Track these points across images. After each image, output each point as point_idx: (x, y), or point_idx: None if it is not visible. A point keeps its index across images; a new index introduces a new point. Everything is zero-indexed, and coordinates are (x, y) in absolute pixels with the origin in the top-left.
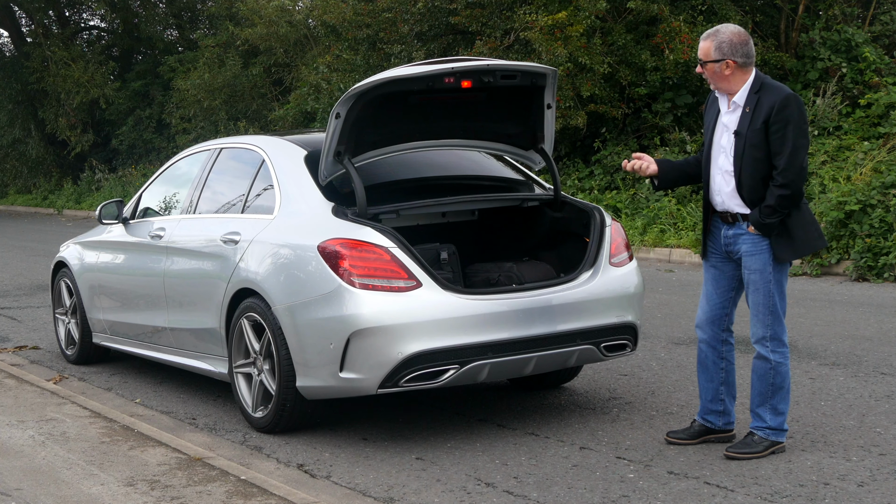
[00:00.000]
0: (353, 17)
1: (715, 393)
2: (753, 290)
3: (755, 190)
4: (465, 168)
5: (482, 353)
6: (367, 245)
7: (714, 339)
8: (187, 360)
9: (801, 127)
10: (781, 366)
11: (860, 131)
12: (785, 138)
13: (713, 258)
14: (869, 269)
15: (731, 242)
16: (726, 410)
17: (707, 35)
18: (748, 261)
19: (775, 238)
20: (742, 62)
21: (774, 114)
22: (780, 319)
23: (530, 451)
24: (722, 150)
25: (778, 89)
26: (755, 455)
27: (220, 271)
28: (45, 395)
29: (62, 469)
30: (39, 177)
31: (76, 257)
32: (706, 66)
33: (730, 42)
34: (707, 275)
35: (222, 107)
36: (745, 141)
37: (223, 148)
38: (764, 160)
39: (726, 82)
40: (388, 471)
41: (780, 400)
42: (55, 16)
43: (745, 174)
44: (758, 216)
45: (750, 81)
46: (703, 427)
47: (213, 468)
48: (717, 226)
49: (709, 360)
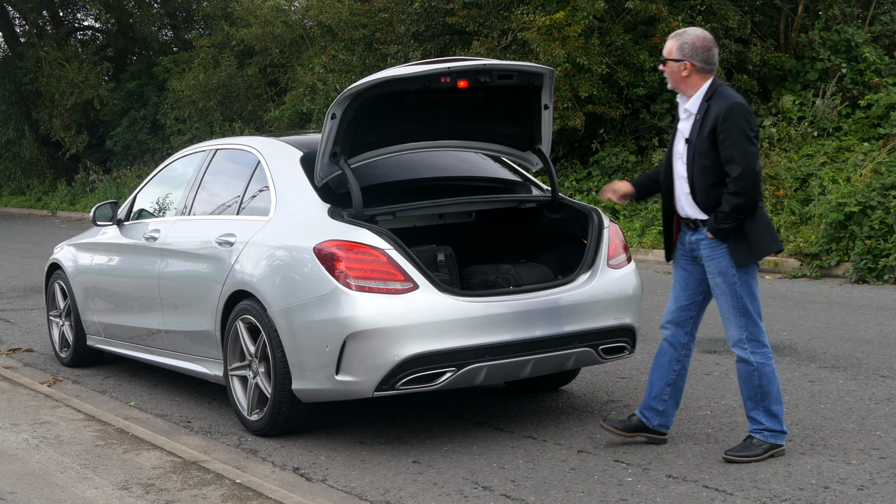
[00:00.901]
0: (349, 18)
1: (660, 391)
2: (719, 293)
3: (708, 196)
4: (462, 169)
5: (479, 355)
6: (364, 247)
7: (676, 340)
8: (182, 362)
9: (748, 135)
10: (764, 366)
11: (860, 132)
12: (733, 147)
13: (682, 260)
14: (869, 272)
15: (695, 247)
16: (666, 412)
17: (674, 34)
18: (709, 265)
19: (733, 242)
20: (700, 67)
21: (720, 123)
22: (754, 321)
23: (528, 454)
24: (679, 156)
25: (725, 98)
26: (754, 458)
27: (215, 273)
28: (38, 398)
29: (56, 473)
30: (33, 178)
31: (70, 259)
32: (667, 64)
33: (692, 45)
34: (676, 276)
35: (217, 108)
36: (695, 149)
37: (218, 149)
38: (712, 168)
39: (682, 83)
40: (384, 474)
41: (772, 402)
42: (49, 16)
43: (696, 181)
44: (713, 222)
45: (704, 88)
46: (639, 422)
47: (208, 472)
48: (683, 230)
49: (665, 357)
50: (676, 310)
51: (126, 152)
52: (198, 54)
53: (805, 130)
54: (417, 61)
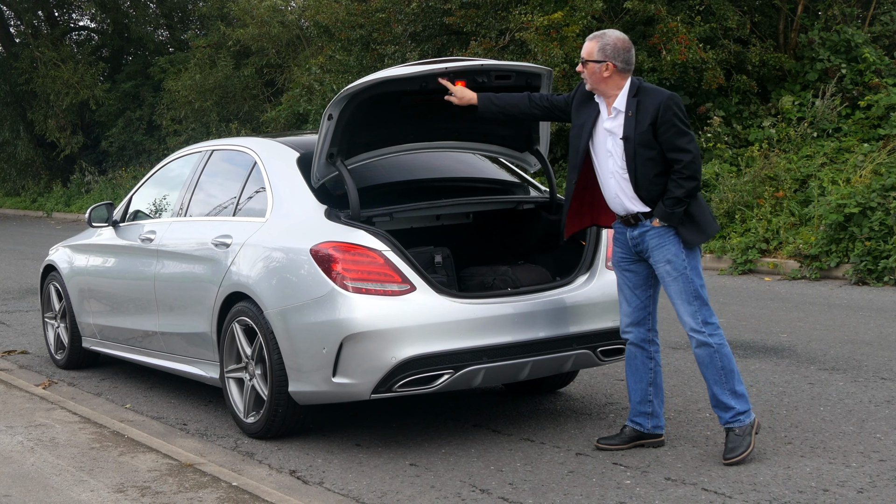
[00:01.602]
0: (346, 18)
1: (644, 394)
2: (671, 280)
3: (651, 188)
4: (459, 170)
5: (477, 357)
6: (361, 248)
7: (641, 340)
8: (178, 364)
9: (685, 121)
10: (723, 347)
11: (860, 133)
12: (678, 136)
13: (623, 262)
14: (869, 273)
15: (639, 242)
16: (655, 413)
17: (593, 36)
18: (657, 254)
19: (682, 226)
20: (621, 67)
21: (661, 115)
22: (706, 303)
23: (526, 456)
24: (609, 155)
25: (657, 92)
26: (748, 450)
27: (211, 275)
28: (34, 400)
29: (51, 475)
30: (28, 179)
31: (65, 261)
32: (587, 66)
33: (613, 46)
34: (621, 280)
35: (213, 108)
36: (634, 144)
37: (214, 150)
38: (656, 158)
39: (603, 84)
40: (381, 477)
41: (736, 382)
42: (44, 16)
43: (640, 174)
44: (664, 209)
45: (627, 87)
46: (633, 431)
47: (204, 474)
48: (619, 231)
49: (637, 360)
50: (632, 311)
51: (122, 153)
52: (194, 55)
53: (804, 131)
54: (415, 62)
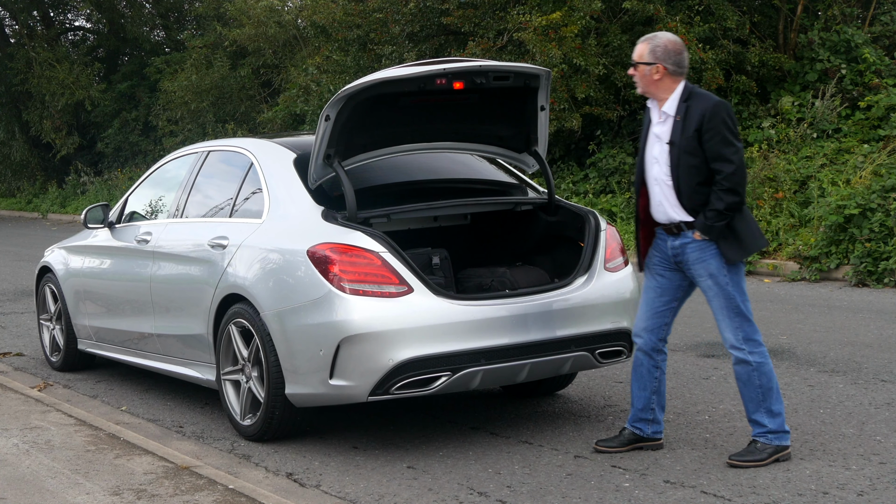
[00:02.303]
0: (343, 18)
1: (647, 401)
2: (712, 296)
3: (694, 197)
4: (457, 171)
5: (475, 359)
6: (358, 250)
7: (651, 347)
8: (174, 366)
9: (734, 130)
10: (763, 365)
11: (860, 134)
12: (723, 144)
13: (658, 267)
14: (869, 275)
15: (679, 252)
16: (656, 419)
17: (644, 38)
18: (698, 268)
19: (723, 241)
20: (672, 70)
21: (707, 122)
22: (748, 320)
23: (524, 459)
24: (655, 161)
25: (707, 97)
26: (759, 462)
27: (207, 276)
28: (29, 402)
29: (47, 478)
30: (24, 180)
31: (61, 262)
32: (638, 68)
33: (664, 48)
34: (649, 284)
35: (210, 109)
36: (680, 150)
37: (211, 151)
38: (700, 166)
39: (654, 87)
40: (378, 480)
41: (773, 401)
42: (39, 16)
43: (682, 182)
44: (704, 221)
45: (679, 91)
46: (633, 434)
47: (200, 477)
48: (661, 237)
49: (643, 368)
50: (651, 316)
51: (117, 154)
52: (190, 55)
53: (804, 132)
54: (412, 62)
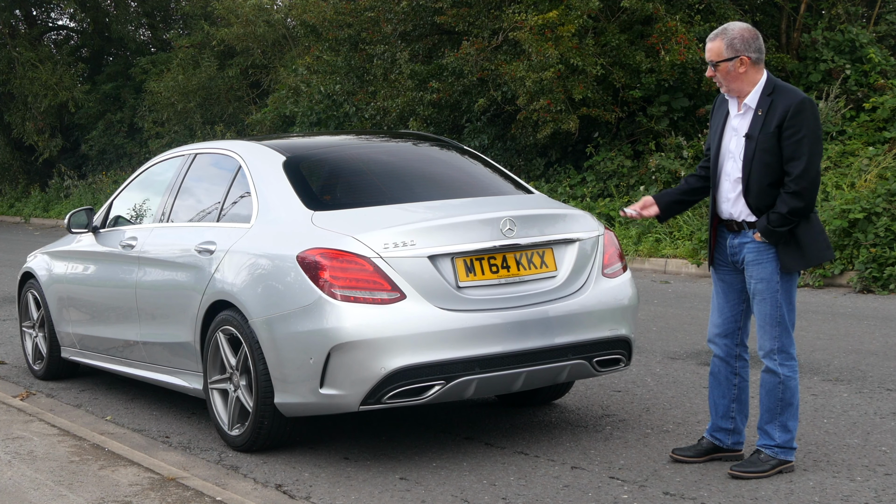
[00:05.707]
0: (333, 17)
1: (726, 409)
2: (759, 300)
3: (762, 196)
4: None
5: (469, 368)
6: (349, 255)
7: (727, 353)
8: (160, 375)
9: (817, 133)
10: (790, 380)
11: (865, 136)
12: (800, 145)
13: (721, 269)
14: (874, 281)
15: (737, 252)
16: (737, 429)
17: (715, 35)
18: (753, 270)
19: (783, 247)
20: (756, 58)
21: (789, 118)
22: (788, 332)
23: (519, 470)
24: (730, 154)
25: (793, 93)
26: (760, 475)
27: (194, 283)
28: (11, 412)
29: (29, 490)
30: (5, 184)
31: (44, 268)
32: (719, 67)
33: (741, 37)
34: (717, 287)
35: (197, 110)
36: (757, 145)
37: (198, 153)
38: (774, 165)
39: (739, 81)
40: (370, 491)
41: (790, 417)
42: (22, 15)
43: (753, 179)
44: (766, 223)
45: (762, 83)
46: (711, 444)
47: (187, 489)
48: (722, 235)
49: (721, 374)
50: (723, 322)
51: (102, 157)
52: (176, 55)
53: None
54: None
